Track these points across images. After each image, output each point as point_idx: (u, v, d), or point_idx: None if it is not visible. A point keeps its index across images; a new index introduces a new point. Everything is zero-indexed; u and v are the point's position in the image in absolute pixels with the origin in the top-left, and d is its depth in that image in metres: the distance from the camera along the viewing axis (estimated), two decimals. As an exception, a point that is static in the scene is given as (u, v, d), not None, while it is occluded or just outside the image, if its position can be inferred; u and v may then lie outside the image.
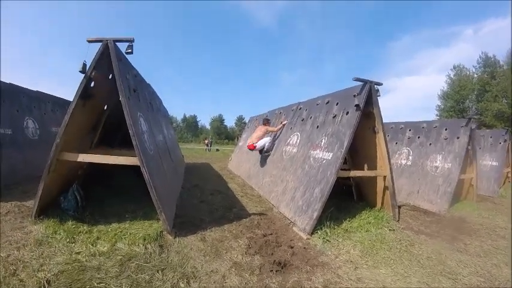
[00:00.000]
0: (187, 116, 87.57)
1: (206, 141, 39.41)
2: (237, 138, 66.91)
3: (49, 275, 3.17)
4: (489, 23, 78.50)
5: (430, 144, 9.48)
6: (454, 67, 43.11)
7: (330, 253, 4.58)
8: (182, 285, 3.30)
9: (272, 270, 3.83)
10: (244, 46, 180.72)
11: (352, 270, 4.05)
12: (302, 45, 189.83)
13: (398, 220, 6.48)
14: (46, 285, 2.99)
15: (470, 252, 5.08)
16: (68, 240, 4.07)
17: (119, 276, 3.34)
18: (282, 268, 3.91)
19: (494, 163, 12.54)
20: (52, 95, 10.31)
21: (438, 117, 41.17)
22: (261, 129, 9.71)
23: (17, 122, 8.05)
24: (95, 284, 3.12)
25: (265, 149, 9.60)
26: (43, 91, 9.94)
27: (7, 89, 7.79)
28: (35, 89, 9.41)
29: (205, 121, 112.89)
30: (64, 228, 4.37)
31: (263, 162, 9.71)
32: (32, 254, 3.63)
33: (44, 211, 4.81)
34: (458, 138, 8.70)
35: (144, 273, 3.47)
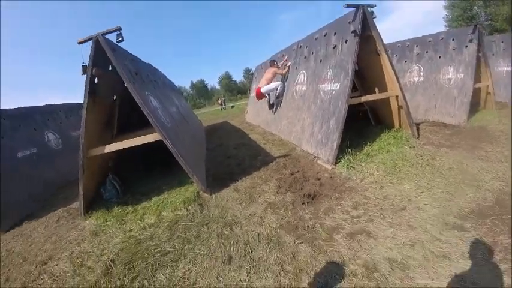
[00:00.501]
0: (194, 82, 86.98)
1: (220, 101, 39.37)
2: (249, 90, 65.96)
3: (111, 255, 3.56)
4: None
5: (440, 57, 9.31)
6: (457, -29, 40.69)
7: (355, 178, 4.85)
8: (226, 232, 3.69)
9: (304, 203, 4.17)
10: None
11: (377, 189, 4.32)
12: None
13: (418, 137, 6.60)
14: (112, 265, 3.37)
15: (491, 158, 5.12)
16: (118, 223, 4.46)
17: (170, 239, 3.75)
18: (313, 199, 4.25)
19: (509, 68, 12.15)
20: (60, 104, 10.60)
21: (447, 28, 39.46)
22: (269, 71, 9.57)
23: (39, 139, 8.38)
24: (152, 250, 3.51)
25: (277, 93, 9.59)
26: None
27: (17, 114, 8.05)
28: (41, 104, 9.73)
29: (214, 82, 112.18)
30: (112, 215, 4.77)
31: (277, 107, 9.85)
32: (91, 244, 4.00)
33: (90, 207, 5.20)
34: (466, 47, 8.47)
35: (191, 230, 3.86)
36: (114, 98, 6.57)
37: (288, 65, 9.31)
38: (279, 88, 9.42)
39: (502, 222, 3.19)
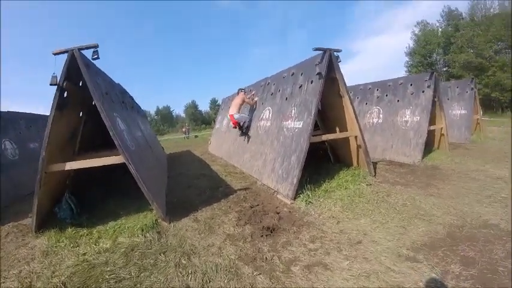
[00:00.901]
0: (160, 107, 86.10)
1: (184, 129, 39.35)
2: (213, 121, 66.19)
3: (63, 278, 3.42)
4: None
5: (398, 100, 10.02)
6: (418, 23, 44.08)
7: (313, 213, 5.03)
8: (184, 261, 3.65)
9: (263, 235, 4.24)
10: (209, 28, 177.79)
11: (335, 224, 4.52)
12: (267, 20, 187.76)
13: (374, 175, 6.98)
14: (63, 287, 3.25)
15: (443, 195, 5.59)
16: (71, 245, 4.31)
17: (126, 265, 3.66)
18: (271, 232, 4.32)
19: (463, 111, 13.29)
20: (23, 112, 10.14)
21: (408, 74, 42.17)
22: (238, 97, 9.61)
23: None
24: (107, 276, 3.42)
25: (245, 126, 9.70)
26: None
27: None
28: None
29: (179, 110, 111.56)
30: (65, 236, 4.60)
31: (241, 140, 9.98)
32: (42, 264, 3.85)
33: (42, 225, 4.98)
34: (423, 92, 9.25)
35: (148, 258, 3.80)
36: (81, 114, 6.45)
37: (255, 100, 9.60)
38: (246, 121, 9.66)
39: (453, 253, 3.48)
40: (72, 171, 5.88)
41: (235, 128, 10.14)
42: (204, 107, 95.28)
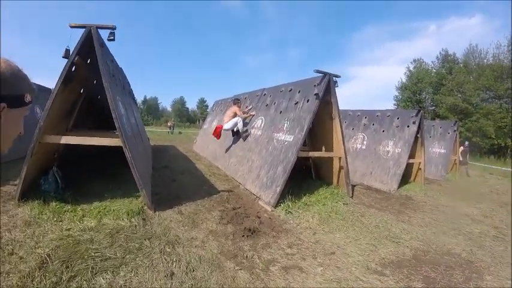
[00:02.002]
0: (148, 97, 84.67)
1: (169, 124, 39.03)
2: (199, 121, 65.94)
3: (47, 250, 3.47)
4: (451, 21, 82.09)
5: (383, 131, 10.52)
6: (414, 60, 44.89)
7: (292, 222, 5.32)
8: (169, 249, 3.82)
9: (244, 236, 4.47)
10: (209, 28, 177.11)
11: (311, 234, 4.82)
12: (268, 29, 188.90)
13: (352, 196, 7.34)
14: (48, 259, 3.29)
15: (413, 223, 6.06)
16: (55, 219, 4.35)
17: (111, 245, 3.77)
18: (252, 234, 4.55)
19: (442, 150, 14.08)
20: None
21: (396, 107, 43.25)
22: (231, 109, 9.51)
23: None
24: (92, 253, 3.51)
25: (239, 129, 9.34)
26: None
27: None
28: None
29: (166, 103, 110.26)
30: (49, 209, 4.62)
31: (229, 143, 10.16)
32: (24, 234, 3.88)
33: (25, 194, 4.98)
34: (408, 126, 9.78)
35: (133, 242, 3.92)
36: (81, 91, 6.53)
37: (251, 114, 9.56)
38: (239, 123, 9.33)
39: (416, 272, 3.87)
40: (62, 146, 5.95)
41: (218, 137, 10.14)
42: (191, 104, 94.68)
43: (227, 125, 9.37)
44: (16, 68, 0.99)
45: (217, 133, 9.89)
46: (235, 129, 9.59)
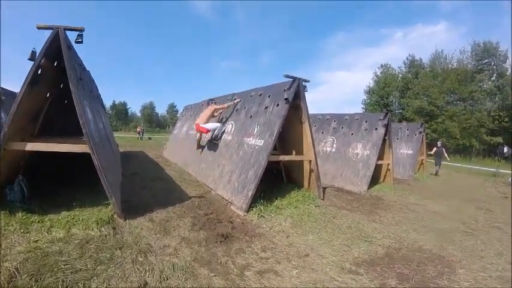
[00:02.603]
0: (116, 102, 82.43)
1: (138, 129, 38.34)
2: (169, 126, 65.23)
3: (15, 263, 3.32)
4: (417, 28, 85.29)
5: (352, 134, 10.83)
6: (382, 65, 46.72)
7: (264, 226, 5.38)
8: (141, 259, 3.76)
9: (217, 241, 4.47)
10: (179, 32, 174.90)
11: (284, 238, 4.89)
12: (240, 35, 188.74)
13: (323, 198, 7.48)
14: (16, 273, 3.16)
15: (384, 222, 6.31)
16: (22, 230, 4.19)
17: (81, 257, 3.66)
18: (225, 239, 4.56)
19: (409, 151, 14.69)
20: None
21: (364, 110, 44.54)
22: (209, 109, 9.02)
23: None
24: (62, 266, 3.40)
25: (213, 135, 9.18)
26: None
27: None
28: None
29: (135, 108, 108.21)
30: (15, 220, 4.44)
31: (201, 148, 10.03)
32: (-10, 246, 3.72)
33: None
34: (376, 129, 10.12)
35: (104, 252, 3.84)
36: (48, 95, 6.30)
37: (235, 101, 9.16)
38: (216, 130, 9.14)
39: (389, 269, 4.04)
40: (27, 153, 5.74)
41: (200, 135, 9.56)
42: (161, 110, 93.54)
43: (209, 126, 8.88)
44: None
45: (202, 130, 8.94)
46: (212, 135, 9.28)
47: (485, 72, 34.47)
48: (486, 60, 34.91)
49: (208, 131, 8.96)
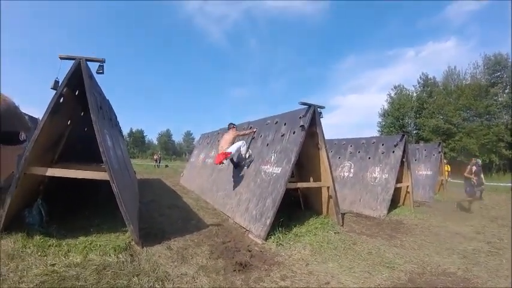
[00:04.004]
0: (134, 130, 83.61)
1: (155, 157, 38.66)
2: (185, 154, 65.92)
3: (32, 285, 3.35)
4: (428, 46, 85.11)
5: (369, 158, 10.65)
6: (395, 87, 46.08)
7: (283, 254, 5.23)
8: (158, 286, 3.71)
9: (235, 270, 4.37)
10: (193, 61, 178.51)
11: (304, 266, 4.74)
12: (251, 63, 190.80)
13: (342, 225, 7.31)
14: None
15: (405, 246, 6.08)
16: (39, 253, 4.23)
17: (98, 283, 3.64)
18: (244, 268, 4.46)
19: (428, 172, 14.29)
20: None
21: (380, 133, 43.97)
22: (231, 133, 8.57)
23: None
24: None
25: (243, 153, 8.57)
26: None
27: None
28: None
29: (152, 136, 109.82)
30: (33, 243, 4.49)
31: (216, 177, 10.06)
32: (7, 267, 3.76)
33: (8, 226, 4.85)
34: (393, 152, 9.94)
35: (121, 279, 3.81)
36: (68, 122, 6.47)
37: (252, 131, 9.01)
38: (242, 148, 8.53)
39: None
40: (47, 178, 5.83)
41: (221, 164, 8.63)
42: (177, 137, 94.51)
43: (230, 149, 8.21)
44: (12, 105, 0.98)
45: (220, 159, 8.21)
46: (235, 159, 8.80)
47: (499, 85, 33.81)
48: (498, 73, 34.35)
49: (226, 155, 8.20)
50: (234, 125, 9.19)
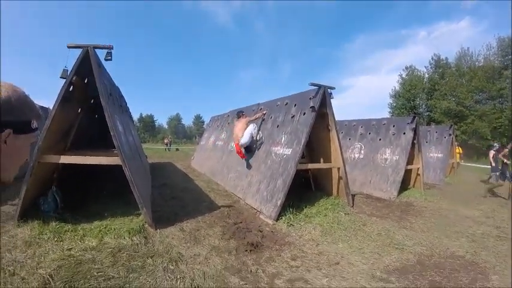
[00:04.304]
0: (143, 115, 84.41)
1: (166, 141, 38.98)
2: (195, 137, 66.24)
3: (49, 270, 3.43)
4: (440, 26, 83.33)
5: (380, 139, 10.58)
6: (406, 68, 45.58)
7: (294, 234, 5.31)
8: (172, 267, 3.79)
9: (247, 250, 4.45)
10: (201, 44, 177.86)
11: (314, 246, 4.81)
12: (259, 45, 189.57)
13: (352, 206, 7.34)
14: (50, 280, 3.25)
15: (415, 228, 6.10)
16: (55, 239, 4.32)
17: (114, 265, 3.74)
18: (255, 248, 4.54)
19: (439, 155, 14.17)
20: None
21: (391, 114, 43.53)
22: (242, 121, 8.49)
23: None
24: (95, 273, 3.48)
25: (254, 135, 8.42)
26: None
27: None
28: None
29: (162, 120, 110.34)
30: (49, 229, 4.58)
31: (227, 159, 10.15)
32: (25, 254, 3.85)
33: (23, 215, 4.94)
34: (404, 133, 9.86)
35: (136, 260, 3.90)
36: (79, 110, 6.55)
37: (263, 112, 8.88)
38: (253, 132, 8.43)
39: (421, 277, 3.91)
40: (60, 165, 5.94)
41: (242, 156, 8.57)
42: (187, 121, 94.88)
43: (244, 139, 8.25)
44: (22, 94, 1.00)
45: (241, 153, 8.37)
46: (250, 143, 8.55)
47: None
48: (511, 56, 33.20)
49: (240, 149, 8.33)
50: (243, 113, 9.18)
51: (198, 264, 3.94)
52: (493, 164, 11.84)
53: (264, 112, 8.82)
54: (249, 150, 8.74)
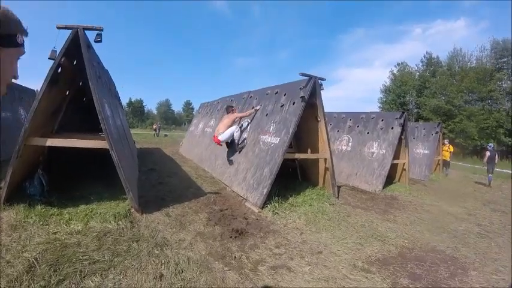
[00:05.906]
0: (133, 100, 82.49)
1: (154, 127, 38.82)
2: (185, 123, 65.98)
3: (34, 254, 3.43)
4: (436, 24, 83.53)
5: (368, 132, 10.72)
6: (398, 64, 45.95)
7: (279, 223, 5.40)
8: (157, 252, 3.83)
9: (231, 237, 4.53)
10: (194, 29, 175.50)
11: (298, 235, 4.90)
12: (255, 32, 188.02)
13: (337, 197, 7.46)
14: (35, 263, 3.25)
15: (398, 221, 6.24)
16: (41, 222, 4.30)
17: (99, 248, 3.75)
18: (240, 235, 4.61)
19: (426, 151, 14.45)
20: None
21: (380, 109, 43.89)
22: (229, 117, 8.45)
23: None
24: (80, 257, 3.48)
25: (235, 139, 8.42)
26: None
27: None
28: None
29: (151, 106, 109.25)
30: (35, 213, 4.56)
31: (215, 146, 9.99)
32: (10, 238, 3.83)
33: (10, 197, 4.89)
34: (392, 128, 10.00)
35: (121, 244, 3.93)
36: (67, 93, 6.46)
37: (256, 108, 8.58)
38: (235, 134, 8.37)
39: (402, 269, 4.02)
40: (46, 148, 5.88)
41: (220, 145, 8.64)
42: (177, 107, 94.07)
43: (223, 137, 8.17)
44: (7, 9, 1.02)
45: (218, 142, 8.42)
46: (229, 141, 8.57)
47: (504, 71, 33.50)
48: (505, 59, 33.74)
49: (220, 143, 8.39)
50: (232, 107, 9.13)
51: (183, 249, 3.99)
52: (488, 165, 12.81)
53: (257, 108, 8.54)
54: (229, 146, 8.81)
